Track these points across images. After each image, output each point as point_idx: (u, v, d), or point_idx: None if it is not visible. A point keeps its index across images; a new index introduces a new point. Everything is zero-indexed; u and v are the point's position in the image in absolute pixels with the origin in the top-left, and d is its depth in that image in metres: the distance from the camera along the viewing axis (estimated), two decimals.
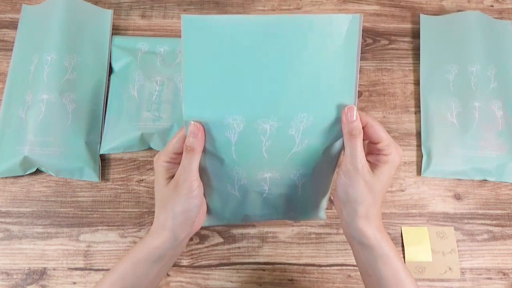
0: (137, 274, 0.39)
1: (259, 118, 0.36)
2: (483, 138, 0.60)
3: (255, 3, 0.70)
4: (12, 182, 0.59)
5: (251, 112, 0.35)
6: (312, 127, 0.36)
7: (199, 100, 0.35)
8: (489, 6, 0.71)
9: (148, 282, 0.40)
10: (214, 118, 0.36)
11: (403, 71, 0.67)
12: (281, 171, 0.40)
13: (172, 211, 0.38)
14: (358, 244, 0.40)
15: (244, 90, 0.35)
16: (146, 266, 0.39)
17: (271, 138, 0.37)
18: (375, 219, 0.39)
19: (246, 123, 0.36)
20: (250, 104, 0.35)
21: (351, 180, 0.37)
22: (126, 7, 0.69)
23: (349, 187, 0.38)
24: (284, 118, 0.36)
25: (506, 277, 0.56)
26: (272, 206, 0.46)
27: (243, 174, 0.40)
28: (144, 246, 0.39)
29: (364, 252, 0.40)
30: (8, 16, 0.67)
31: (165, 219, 0.39)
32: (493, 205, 0.60)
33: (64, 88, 0.58)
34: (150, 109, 0.60)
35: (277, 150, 0.38)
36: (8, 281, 0.54)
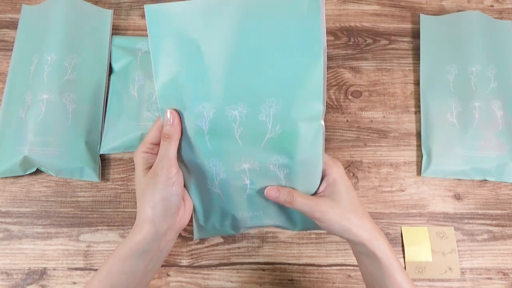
0: (124, 271, 0.39)
1: (227, 105, 0.35)
2: (483, 138, 0.60)
3: None
4: (12, 182, 0.59)
5: (218, 99, 0.35)
6: (283, 112, 0.35)
7: (170, 89, 0.35)
8: (489, 6, 0.71)
9: (136, 279, 0.40)
10: (185, 106, 0.36)
11: (403, 71, 0.67)
12: (259, 161, 0.39)
13: (152, 201, 0.38)
14: (365, 257, 0.41)
15: (210, 77, 0.34)
16: (132, 262, 0.39)
17: (242, 125, 0.36)
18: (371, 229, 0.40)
19: (216, 110, 0.35)
20: (217, 91, 0.35)
21: (324, 222, 0.39)
22: (126, 7, 0.69)
23: (330, 226, 0.40)
24: (252, 103, 0.35)
25: (506, 277, 0.56)
26: (259, 207, 0.44)
27: (221, 166, 0.39)
28: (127, 242, 0.39)
29: (371, 264, 0.41)
30: (8, 16, 0.67)
31: (144, 210, 0.38)
32: (493, 205, 0.60)
33: (64, 88, 0.58)
34: (150, 109, 0.60)
35: (250, 137, 0.37)
36: (8, 281, 0.54)
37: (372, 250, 0.39)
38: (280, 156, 0.38)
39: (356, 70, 0.66)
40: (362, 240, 0.39)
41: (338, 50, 0.67)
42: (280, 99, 0.35)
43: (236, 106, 0.35)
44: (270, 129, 0.36)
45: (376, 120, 0.64)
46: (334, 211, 0.39)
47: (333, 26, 0.69)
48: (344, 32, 0.68)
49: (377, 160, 0.62)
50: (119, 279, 0.39)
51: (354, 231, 0.39)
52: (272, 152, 0.38)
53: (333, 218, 0.39)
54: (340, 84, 0.65)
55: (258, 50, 0.34)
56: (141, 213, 0.39)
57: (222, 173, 0.40)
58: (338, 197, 0.39)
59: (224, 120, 0.36)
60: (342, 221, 0.39)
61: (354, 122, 0.63)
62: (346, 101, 0.64)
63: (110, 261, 0.39)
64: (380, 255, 0.39)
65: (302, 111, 0.36)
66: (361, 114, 0.64)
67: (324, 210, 0.39)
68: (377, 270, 0.40)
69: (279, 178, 0.40)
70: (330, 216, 0.39)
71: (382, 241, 0.40)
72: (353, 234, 0.39)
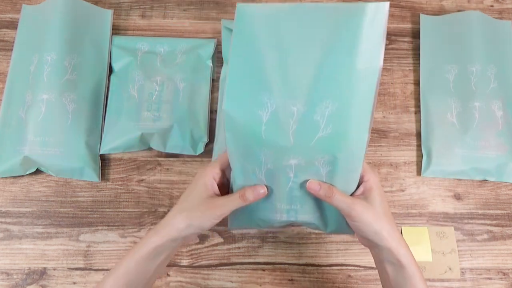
0: (138, 271, 0.41)
1: (288, 99, 0.38)
2: (483, 138, 0.60)
3: (255, 3, 0.70)
4: (12, 182, 0.59)
5: (282, 92, 0.38)
6: (337, 114, 0.38)
7: (241, 81, 0.38)
8: (489, 6, 0.71)
9: (148, 278, 0.43)
10: (250, 95, 0.38)
11: (403, 71, 0.67)
12: (306, 157, 0.41)
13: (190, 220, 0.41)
14: (390, 265, 0.42)
15: (281, 72, 0.37)
16: (147, 262, 0.42)
17: (298, 122, 0.38)
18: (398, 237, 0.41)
19: (278, 104, 0.38)
20: (284, 86, 0.38)
21: (357, 222, 0.41)
22: (126, 7, 0.69)
23: (361, 227, 0.41)
24: (310, 103, 0.38)
25: (506, 277, 0.56)
26: (298, 201, 0.45)
27: (270, 157, 0.41)
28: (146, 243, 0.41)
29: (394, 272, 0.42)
30: (8, 16, 0.67)
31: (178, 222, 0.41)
32: (493, 205, 0.60)
33: (64, 88, 0.58)
34: (150, 109, 0.60)
35: (302, 134, 0.39)
36: (8, 281, 0.54)
37: (398, 258, 0.40)
38: (326, 155, 0.40)
39: None
40: (390, 247, 0.40)
41: None
42: (336, 102, 0.38)
43: (295, 102, 0.38)
44: (322, 129, 0.39)
45: (376, 120, 0.64)
46: (369, 213, 0.40)
47: None
48: None
49: (377, 160, 0.62)
50: (133, 277, 0.41)
51: (384, 235, 0.40)
52: (320, 150, 0.40)
53: (368, 220, 0.40)
54: None
55: (322, 55, 0.37)
56: (173, 221, 0.41)
57: (270, 163, 0.42)
58: (374, 203, 0.41)
59: (283, 113, 0.38)
60: (375, 224, 0.40)
61: None
62: None
63: (127, 260, 0.41)
64: (405, 263, 0.40)
65: (354, 116, 0.38)
66: None
67: (360, 210, 0.40)
68: (400, 279, 0.41)
69: (321, 175, 0.42)
70: (365, 217, 0.40)
71: (408, 251, 0.41)
72: (383, 239, 0.40)
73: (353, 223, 0.41)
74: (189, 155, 0.61)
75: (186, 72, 0.62)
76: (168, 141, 0.59)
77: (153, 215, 0.58)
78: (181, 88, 0.61)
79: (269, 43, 0.37)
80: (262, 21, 0.37)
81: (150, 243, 0.41)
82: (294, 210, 0.46)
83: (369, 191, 0.42)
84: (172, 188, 0.59)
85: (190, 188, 0.43)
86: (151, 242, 0.41)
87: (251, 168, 0.43)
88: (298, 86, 0.38)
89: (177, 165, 0.60)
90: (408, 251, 0.41)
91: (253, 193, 0.42)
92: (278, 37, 0.37)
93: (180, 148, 0.60)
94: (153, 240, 0.41)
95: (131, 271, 0.41)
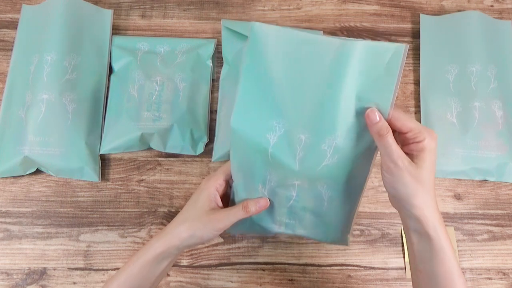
0: (143, 275, 0.43)
1: (298, 127, 0.38)
2: (483, 138, 0.60)
3: (255, 3, 0.70)
4: (12, 182, 0.59)
5: (292, 120, 0.38)
6: (344, 145, 0.38)
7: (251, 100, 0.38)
8: (489, 6, 0.71)
9: (152, 282, 0.44)
10: (260, 117, 0.38)
11: (403, 71, 0.67)
12: (309, 181, 0.42)
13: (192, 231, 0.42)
14: (416, 235, 0.39)
15: (291, 99, 0.37)
16: (152, 266, 0.43)
17: (305, 149, 0.39)
18: (433, 209, 0.38)
19: (286, 129, 0.38)
20: (294, 113, 0.38)
21: (394, 176, 0.38)
22: (126, 7, 0.69)
23: (395, 184, 0.38)
24: (319, 133, 0.38)
25: (506, 277, 0.56)
26: (297, 217, 0.46)
27: (274, 177, 0.42)
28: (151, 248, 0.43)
29: (420, 243, 0.39)
30: (8, 16, 0.67)
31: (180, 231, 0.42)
32: (493, 205, 0.60)
33: (64, 88, 0.58)
34: (150, 109, 0.60)
35: (308, 162, 0.39)
36: (8, 281, 0.54)
37: (426, 230, 0.37)
38: (330, 180, 0.41)
39: None
40: (419, 216, 0.37)
41: None
42: (344, 134, 0.38)
43: (304, 131, 0.38)
44: (328, 158, 0.39)
45: None
46: (409, 171, 0.37)
47: (333, 26, 0.69)
48: (344, 32, 0.68)
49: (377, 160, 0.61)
50: (137, 282, 0.42)
51: (416, 203, 0.37)
52: (324, 176, 0.41)
53: (404, 178, 0.37)
54: None
55: (334, 88, 0.37)
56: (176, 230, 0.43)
57: (274, 182, 0.43)
58: (419, 165, 0.37)
59: (291, 139, 0.39)
60: (410, 187, 0.37)
61: None
62: None
63: (131, 264, 0.42)
64: (433, 235, 0.37)
65: (360, 150, 0.39)
66: None
67: (401, 166, 0.37)
68: (426, 252, 0.38)
69: (322, 199, 0.43)
70: (403, 174, 0.37)
71: (438, 223, 0.38)
72: (414, 206, 0.37)
73: (388, 176, 0.38)
74: (189, 155, 0.61)
75: (186, 72, 0.62)
76: (168, 141, 0.59)
77: (153, 215, 0.58)
78: (181, 88, 0.61)
79: (284, 68, 0.37)
80: (278, 45, 0.36)
81: (154, 249, 0.42)
82: (292, 224, 0.47)
83: (420, 152, 0.37)
84: (172, 188, 0.59)
85: (194, 199, 0.44)
86: (155, 248, 0.42)
87: (254, 184, 0.43)
88: (309, 115, 0.38)
89: (177, 165, 0.60)
90: (439, 223, 0.38)
91: (256, 206, 0.43)
92: (293, 64, 0.37)
93: (180, 148, 0.60)
94: (157, 246, 0.42)
95: (135, 276, 0.42)
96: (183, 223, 0.43)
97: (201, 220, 0.42)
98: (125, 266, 0.43)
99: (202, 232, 0.42)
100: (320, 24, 0.69)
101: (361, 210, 0.59)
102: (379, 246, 0.58)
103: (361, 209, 0.59)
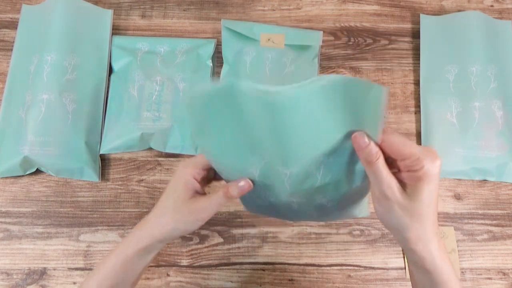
0: (126, 271, 0.40)
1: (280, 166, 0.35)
2: (483, 138, 0.60)
3: (255, 3, 0.70)
4: (12, 182, 0.59)
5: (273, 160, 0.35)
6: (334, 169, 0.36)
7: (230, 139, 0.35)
8: (489, 6, 0.71)
9: (136, 276, 0.42)
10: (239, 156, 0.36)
11: (403, 71, 0.67)
12: (307, 198, 0.40)
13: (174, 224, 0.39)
14: (413, 266, 0.37)
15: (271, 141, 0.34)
16: (134, 262, 0.40)
17: (292, 178, 0.36)
18: (430, 242, 0.34)
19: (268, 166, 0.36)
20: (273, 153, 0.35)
21: (384, 208, 0.34)
22: (126, 7, 0.69)
23: (385, 215, 0.34)
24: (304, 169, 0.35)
25: (506, 277, 0.56)
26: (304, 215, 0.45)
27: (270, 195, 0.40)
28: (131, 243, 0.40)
29: (419, 274, 0.36)
30: (8, 16, 0.67)
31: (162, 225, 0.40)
32: (493, 205, 0.60)
33: (64, 88, 0.58)
34: (150, 109, 0.60)
35: (300, 185, 0.37)
36: (8, 281, 0.54)
37: (422, 263, 0.34)
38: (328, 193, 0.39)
39: (356, 70, 0.66)
40: (413, 249, 0.34)
41: (338, 50, 0.67)
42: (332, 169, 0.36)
43: (289, 169, 0.35)
44: (319, 180, 0.37)
45: None
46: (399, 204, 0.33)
47: (333, 26, 0.69)
48: (344, 32, 0.68)
49: None
50: (120, 279, 0.40)
51: (408, 236, 0.34)
52: (320, 193, 0.39)
53: (394, 211, 0.33)
54: None
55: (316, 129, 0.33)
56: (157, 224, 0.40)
57: (272, 198, 0.41)
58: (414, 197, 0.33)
59: (275, 171, 0.36)
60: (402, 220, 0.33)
61: None
62: None
63: (111, 260, 0.40)
64: (431, 269, 0.34)
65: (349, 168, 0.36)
66: None
67: (391, 196, 0.33)
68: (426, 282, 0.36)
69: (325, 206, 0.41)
70: (393, 206, 0.33)
71: (438, 257, 0.34)
72: (406, 238, 0.34)
73: (377, 207, 0.35)
74: (189, 155, 0.61)
75: (186, 72, 0.62)
76: (168, 141, 0.59)
77: None
78: (181, 88, 0.61)
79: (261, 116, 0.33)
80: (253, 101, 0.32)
81: (136, 244, 0.40)
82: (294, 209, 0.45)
83: (418, 182, 0.32)
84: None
85: (172, 188, 0.40)
86: (137, 243, 0.40)
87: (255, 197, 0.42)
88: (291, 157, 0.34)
89: (177, 165, 0.60)
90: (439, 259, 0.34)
91: (238, 189, 0.38)
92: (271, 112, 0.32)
93: (180, 148, 0.60)
94: (140, 240, 0.40)
95: (117, 271, 0.40)
96: (164, 216, 0.40)
97: (182, 212, 0.39)
98: (104, 261, 0.40)
99: (185, 225, 0.40)
100: (320, 24, 0.69)
101: None
102: (379, 246, 0.57)
103: None
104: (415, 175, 0.32)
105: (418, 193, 0.33)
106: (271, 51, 0.64)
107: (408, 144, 0.33)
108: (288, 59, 0.64)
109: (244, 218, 0.58)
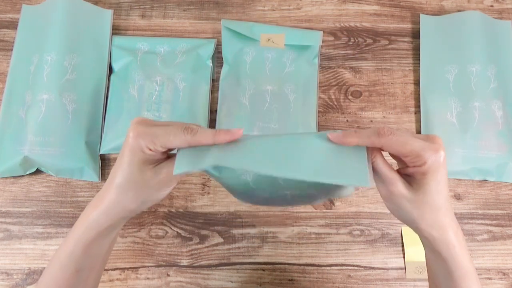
0: (90, 254, 0.37)
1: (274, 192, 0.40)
2: (483, 138, 0.60)
3: (255, 3, 0.70)
4: (12, 182, 0.59)
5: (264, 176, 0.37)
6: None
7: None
8: (489, 6, 0.71)
9: (102, 257, 0.40)
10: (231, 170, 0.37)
11: (403, 71, 0.67)
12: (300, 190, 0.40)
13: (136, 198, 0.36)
14: (429, 251, 0.37)
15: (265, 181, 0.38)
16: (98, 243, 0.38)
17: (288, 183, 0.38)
18: (444, 229, 0.34)
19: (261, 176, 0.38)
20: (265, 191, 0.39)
21: (394, 204, 0.35)
22: (126, 7, 0.69)
23: (396, 211, 0.35)
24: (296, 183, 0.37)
25: (506, 277, 0.56)
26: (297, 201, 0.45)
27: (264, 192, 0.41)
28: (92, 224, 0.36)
29: (433, 260, 0.37)
30: (8, 16, 0.67)
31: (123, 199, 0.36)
32: (493, 205, 0.60)
33: (64, 88, 0.58)
34: (150, 109, 0.60)
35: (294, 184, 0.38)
36: (8, 281, 0.54)
37: (437, 249, 0.35)
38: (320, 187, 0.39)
39: (356, 70, 0.66)
40: (427, 236, 0.35)
41: (338, 50, 0.67)
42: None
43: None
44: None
45: (376, 120, 0.64)
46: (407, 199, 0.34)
47: (333, 26, 0.69)
48: (344, 32, 0.68)
49: None
50: (85, 263, 0.37)
51: (421, 226, 0.34)
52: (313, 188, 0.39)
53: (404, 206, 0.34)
54: (340, 84, 0.65)
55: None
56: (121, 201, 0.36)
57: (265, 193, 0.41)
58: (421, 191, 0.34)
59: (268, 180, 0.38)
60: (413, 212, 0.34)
61: (354, 122, 0.63)
62: (346, 101, 0.64)
63: (71, 245, 0.37)
64: (445, 256, 0.34)
65: None
66: (361, 114, 0.64)
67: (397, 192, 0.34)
68: (440, 269, 0.36)
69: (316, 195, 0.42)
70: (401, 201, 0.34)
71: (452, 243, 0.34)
72: (419, 228, 0.35)
73: (388, 204, 0.36)
74: None
75: (186, 72, 0.62)
76: None
77: (153, 215, 0.58)
78: (181, 88, 0.61)
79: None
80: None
81: (98, 225, 0.36)
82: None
83: (423, 176, 0.33)
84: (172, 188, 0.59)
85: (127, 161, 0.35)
86: (99, 224, 0.36)
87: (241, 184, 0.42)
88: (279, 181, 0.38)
89: None
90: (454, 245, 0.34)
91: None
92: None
93: None
94: (101, 221, 0.36)
95: (80, 257, 0.37)
96: (126, 192, 0.35)
97: (148, 185, 0.35)
98: (63, 247, 0.37)
99: (154, 196, 0.37)
100: (320, 24, 0.69)
101: (361, 210, 0.59)
102: (379, 246, 0.58)
103: (361, 209, 0.59)
104: (420, 170, 0.33)
105: (425, 186, 0.33)
106: (271, 51, 0.64)
107: (409, 142, 0.33)
108: (288, 59, 0.64)
109: (244, 218, 0.58)
